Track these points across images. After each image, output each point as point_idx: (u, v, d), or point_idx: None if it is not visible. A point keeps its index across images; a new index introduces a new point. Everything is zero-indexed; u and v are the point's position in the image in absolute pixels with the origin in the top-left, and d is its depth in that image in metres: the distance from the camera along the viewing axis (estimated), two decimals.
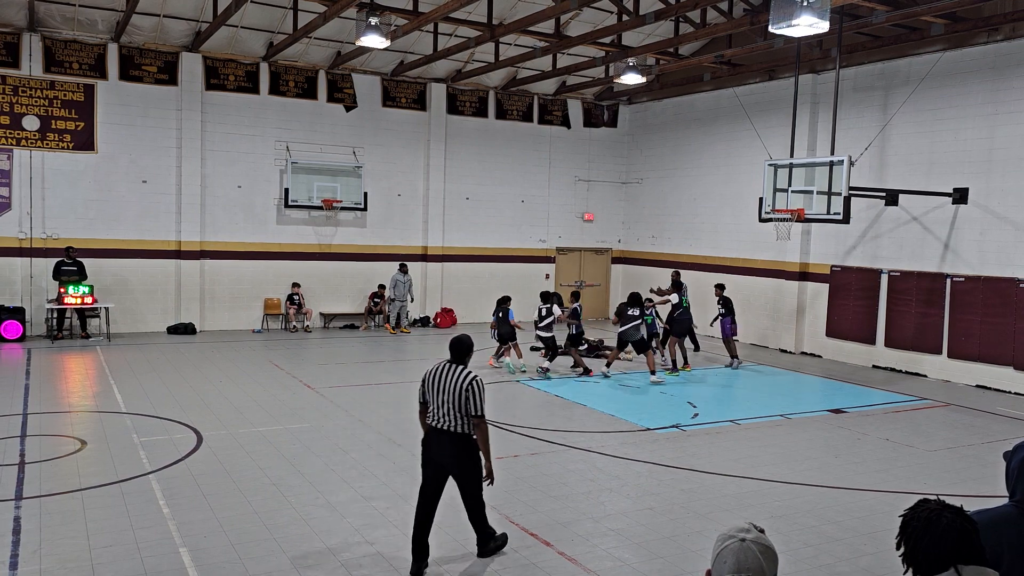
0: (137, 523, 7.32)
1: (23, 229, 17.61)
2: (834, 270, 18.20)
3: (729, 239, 20.84)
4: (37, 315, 17.77)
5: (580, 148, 24.08)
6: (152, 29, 17.92)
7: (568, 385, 14.41)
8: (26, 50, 17.36)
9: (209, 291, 19.49)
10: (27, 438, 9.98)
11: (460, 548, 7.04)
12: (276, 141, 19.95)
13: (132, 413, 11.35)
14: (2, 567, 6.35)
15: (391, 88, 21.27)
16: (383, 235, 21.48)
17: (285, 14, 17.80)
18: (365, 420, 11.40)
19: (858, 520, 8.00)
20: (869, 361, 17.36)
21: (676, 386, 14.70)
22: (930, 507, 2.68)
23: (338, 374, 14.90)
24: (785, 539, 7.44)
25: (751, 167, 19.58)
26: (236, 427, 10.77)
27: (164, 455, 9.41)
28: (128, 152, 18.45)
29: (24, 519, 7.34)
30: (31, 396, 12.20)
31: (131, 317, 18.67)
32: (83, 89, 17.94)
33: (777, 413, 12.76)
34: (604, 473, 9.37)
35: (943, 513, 2.64)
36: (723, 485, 9.02)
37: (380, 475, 8.97)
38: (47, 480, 8.44)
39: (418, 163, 21.82)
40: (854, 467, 9.90)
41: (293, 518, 7.59)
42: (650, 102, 23.71)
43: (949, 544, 2.59)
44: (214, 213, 19.41)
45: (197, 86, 18.94)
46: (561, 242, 24.06)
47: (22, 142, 17.45)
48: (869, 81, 17.41)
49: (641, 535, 7.49)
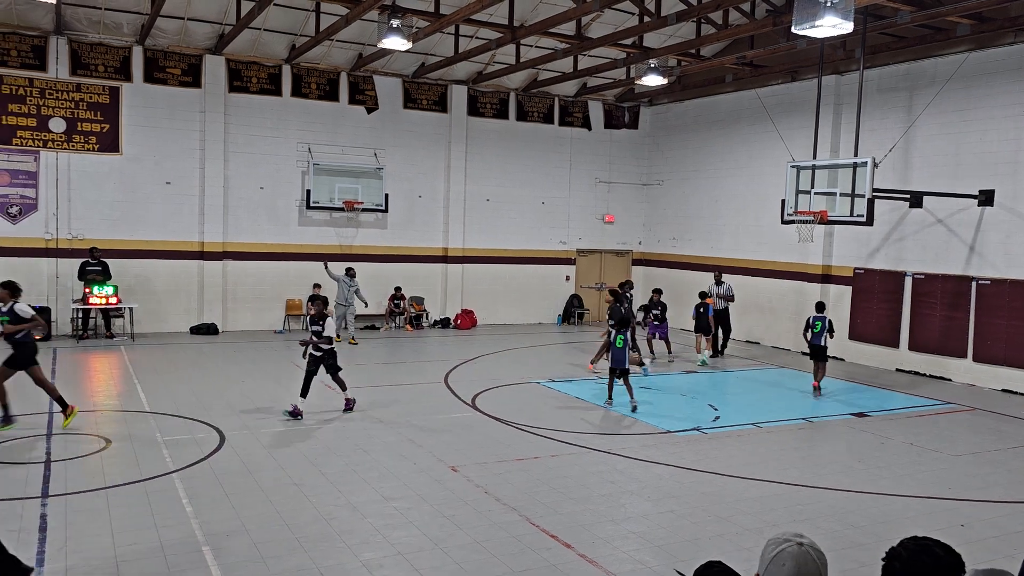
0: (161, 521, 7.39)
1: (49, 230, 17.84)
2: (857, 272, 18.04)
3: (751, 241, 20.71)
4: (63, 315, 17.99)
5: (601, 150, 24.03)
6: (176, 32, 18.10)
7: (588, 387, 14.37)
8: (53, 53, 17.59)
9: (231, 292, 19.65)
10: (53, 437, 10.10)
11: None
12: (298, 143, 20.07)
13: (156, 412, 11.45)
14: (29, 564, 6.43)
15: (412, 90, 21.34)
16: (404, 236, 21.55)
17: (307, 16, 17.91)
18: (385, 421, 11.44)
19: (882, 525, 7.92)
20: (893, 364, 17.18)
21: (697, 389, 14.63)
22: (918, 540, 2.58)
23: (359, 375, 14.94)
24: None
25: (773, 169, 19.44)
26: (258, 427, 10.84)
27: (187, 454, 9.49)
28: (152, 154, 18.64)
29: (50, 517, 7.43)
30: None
31: (155, 317, 18.85)
32: (108, 91, 18.15)
33: (799, 416, 12.66)
34: (625, 475, 9.34)
35: (933, 548, 2.54)
36: (745, 488, 8.96)
37: (400, 476, 9.00)
38: (73, 478, 8.54)
39: (439, 165, 21.87)
40: (877, 471, 9.80)
41: (314, 518, 7.63)
42: (671, 103, 23.62)
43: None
44: (237, 214, 19.56)
45: (220, 88, 19.10)
46: (581, 244, 24.02)
47: (48, 144, 17.68)
48: (893, 82, 17.24)
49: (662, 538, 7.46)
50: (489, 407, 12.50)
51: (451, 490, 8.54)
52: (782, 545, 2.51)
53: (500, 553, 6.95)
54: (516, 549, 7.05)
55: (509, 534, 7.37)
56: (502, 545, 7.12)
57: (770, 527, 7.74)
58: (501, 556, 6.89)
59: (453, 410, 12.34)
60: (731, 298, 18.41)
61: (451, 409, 12.40)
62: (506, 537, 7.30)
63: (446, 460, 9.60)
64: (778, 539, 2.53)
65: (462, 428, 11.25)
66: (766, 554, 2.54)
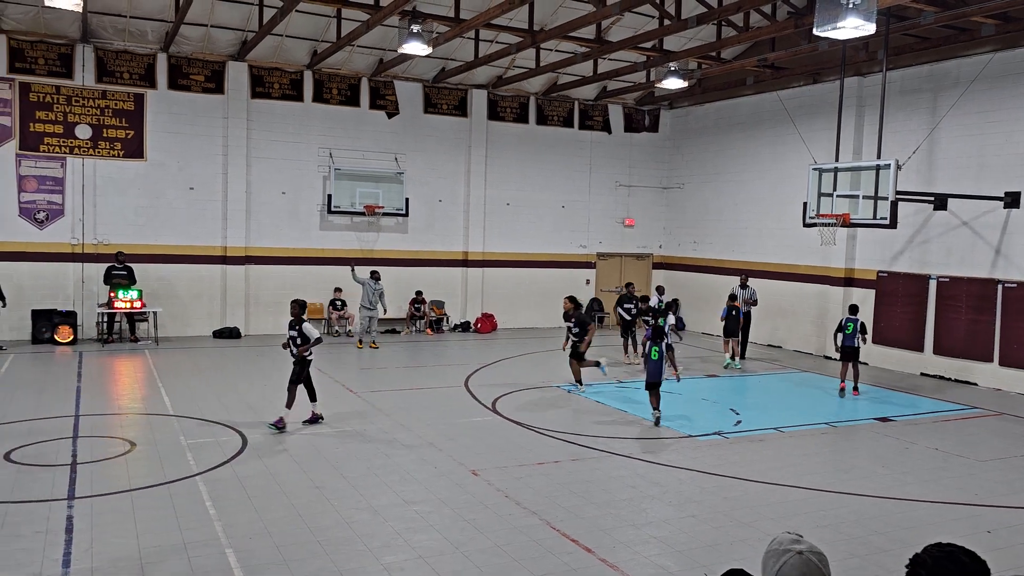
0: (184, 523, 7.46)
1: (75, 235, 18.08)
2: (880, 276, 17.87)
3: (773, 244, 20.58)
4: (88, 319, 18.21)
5: (621, 153, 24.00)
6: (200, 39, 18.30)
7: (609, 392, 14.34)
8: (79, 61, 17.84)
9: (254, 296, 19.80)
10: (79, 439, 10.23)
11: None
12: (319, 148, 20.21)
13: (179, 416, 11.56)
14: (55, 565, 6.52)
15: (432, 95, 21.42)
16: (424, 240, 21.63)
17: (329, 23, 18.04)
18: (406, 424, 11.47)
19: (906, 531, 7.84)
20: (917, 369, 17.00)
21: (719, 393, 14.54)
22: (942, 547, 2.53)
23: (380, 379, 15.03)
24: (831, 549, 7.28)
25: (795, 171, 19.31)
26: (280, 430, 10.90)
27: (210, 457, 9.57)
28: (176, 159, 18.85)
29: (76, 518, 7.52)
30: (83, 398, 12.51)
31: (178, 321, 19.04)
32: (133, 98, 18.38)
33: (822, 421, 12.56)
34: (646, 480, 9.31)
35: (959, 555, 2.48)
36: (767, 493, 8.90)
37: (421, 479, 9.02)
38: (98, 481, 8.64)
39: (459, 169, 21.93)
40: (902, 477, 9.70)
41: (336, 521, 7.67)
42: (692, 106, 23.54)
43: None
44: (259, 219, 19.72)
45: (243, 94, 19.28)
46: (602, 247, 23.98)
47: (75, 150, 17.93)
48: (917, 83, 17.08)
49: (683, 543, 7.42)
50: (510, 411, 12.50)
51: (472, 494, 8.56)
52: (783, 558, 2.49)
53: (521, 557, 6.95)
54: (537, 553, 7.05)
55: (530, 538, 7.37)
56: (523, 549, 7.12)
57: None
58: (522, 560, 6.89)
59: (474, 414, 12.36)
60: (755, 302, 18.31)
61: (472, 413, 12.42)
62: (527, 541, 7.30)
63: (467, 464, 9.62)
64: (776, 550, 2.51)
65: (483, 432, 11.26)
66: (768, 568, 2.52)
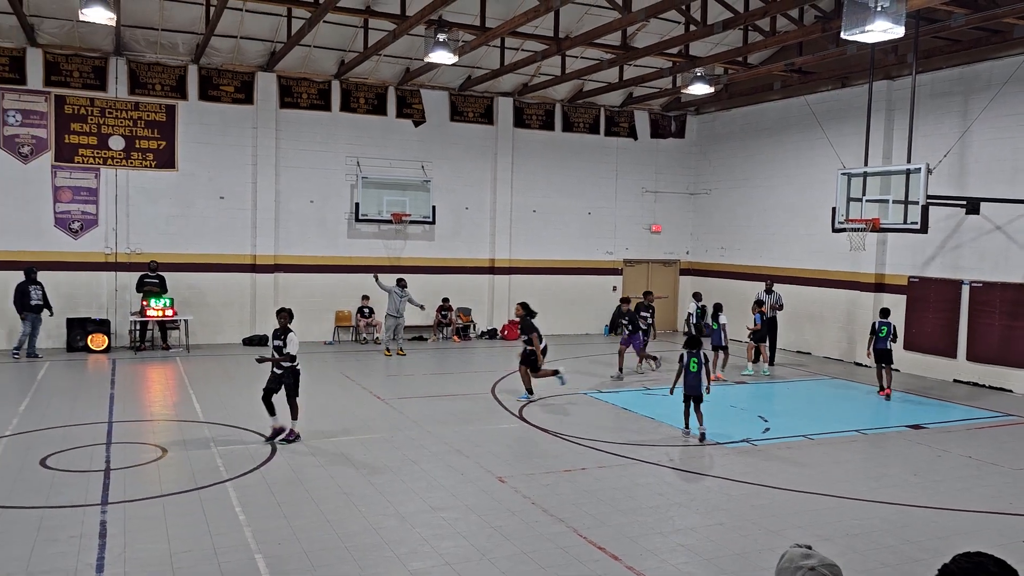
0: (215, 529, 7.55)
1: (109, 245, 18.40)
2: (912, 281, 17.65)
3: (801, 250, 20.40)
4: (121, 327, 18.51)
5: (647, 159, 23.94)
6: (230, 50, 18.56)
7: (636, 397, 14.29)
8: (112, 73, 18.18)
9: (283, 304, 19.89)
10: (112, 445, 10.39)
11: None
12: (347, 156, 20.40)
13: (210, 422, 11.70)
14: (89, 569, 6.63)
15: (459, 103, 21.54)
16: (451, 248, 21.72)
17: (356, 33, 18.22)
18: (433, 432, 11.52)
19: (939, 540, 7.73)
20: (949, 375, 16.74)
21: (747, 399, 14.43)
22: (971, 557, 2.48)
23: (407, 385, 15.10)
24: (862, 559, 7.23)
25: (823, 176, 19.14)
26: (308, 437, 11.00)
27: (240, 463, 9.68)
28: (207, 169, 19.12)
29: (110, 523, 7.65)
30: (116, 405, 12.71)
31: (209, 329, 19.28)
32: (165, 109, 18.68)
33: (852, 428, 12.41)
34: (673, 487, 9.26)
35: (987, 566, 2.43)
36: (796, 501, 8.82)
37: (448, 486, 9.05)
38: (131, 486, 8.77)
39: (485, 176, 22.01)
40: (934, 485, 9.56)
41: (364, 527, 7.72)
42: (718, 112, 23.44)
43: None
44: (288, 227, 19.94)
45: (272, 104, 19.53)
46: (628, 254, 23.92)
47: (108, 161, 18.25)
48: (947, 86, 16.87)
49: (711, 551, 7.38)
50: (536, 418, 12.51)
51: (498, 501, 8.57)
52: (797, 574, 2.47)
53: (547, 564, 6.95)
54: (563, 561, 7.04)
55: (556, 545, 7.37)
56: (549, 556, 7.12)
57: (822, 540, 7.60)
58: (548, 568, 6.89)
59: (500, 421, 12.37)
60: (781, 307, 18.18)
61: (498, 420, 12.44)
62: (553, 548, 7.30)
63: (493, 471, 9.63)
64: (788, 568, 2.49)
65: (509, 439, 11.28)
66: None
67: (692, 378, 11.33)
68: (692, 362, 11.33)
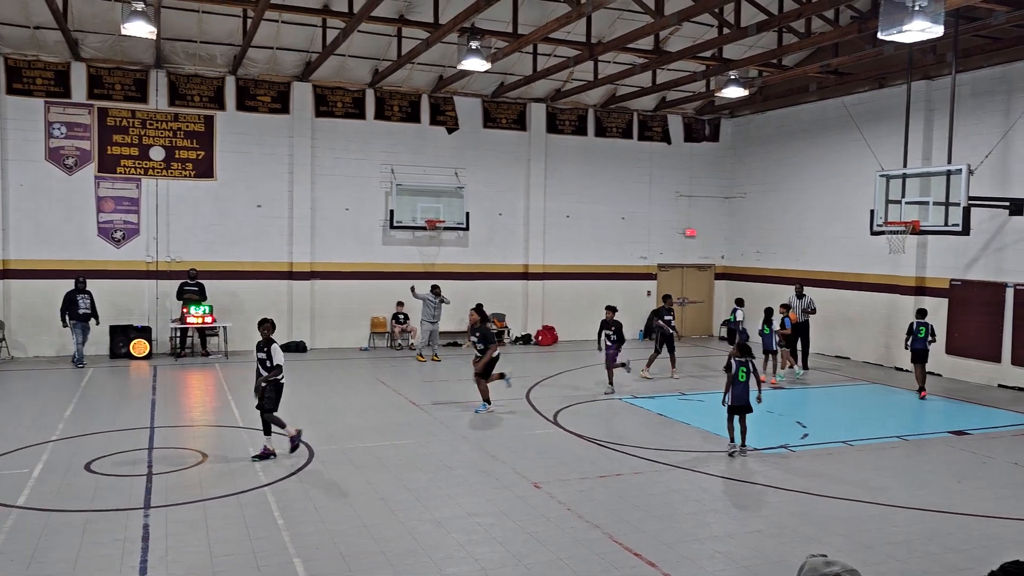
0: (254, 533, 7.66)
1: (150, 253, 18.76)
2: (953, 284, 17.32)
3: (839, 253, 20.14)
4: (162, 334, 18.85)
5: (681, 163, 23.81)
6: (266, 61, 18.85)
7: (671, 403, 14.20)
8: (153, 85, 18.56)
9: (319, 310, 20.22)
10: (154, 450, 10.59)
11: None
12: (381, 164, 20.58)
13: (248, 428, 11.86)
14: (133, 572, 6.77)
15: (492, 109, 21.62)
16: (485, 254, 21.79)
17: (390, 42, 18.40)
18: (468, 437, 11.56)
19: (984, 549, 7.57)
20: (994, 380, 16.40)
21: (785, 405, 14.26)
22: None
23: (442, 391, 15.16)
24: (904, 567, 7.12)
25: (861, 178, 18.89)
26: (345, 442, 11.11)
27: (278, 469, 9.80)
28: (244, 178, 19.42)
29: (152, 527, 7.79)
30: (157, 411, 12.94)
31: (247, 336, 19.43)
32: (203, 120, 19.02)
33: (893, 434, 12.21)
34: (709, 494, 9.19)
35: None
36: (835, 508, 8.70)
37: (483, 492, 9.08)
38: (172, 491, 8.93)
39: (518, 182, 22.06)
40: (979, 492, 9.37)
41: (400, 532, 7.77)
42: (753, 115, 23.24)
43: None
44: (323, 235, 20.16)
45: (307, 114, 19.78)
46: (663, 259, 23.79)
47: (149, 172, 18.62)
48: (989, 85, 16.55)
49: (748, 558, 7.31)
50: (571, 423, 12.49)
51: (534, 507, 8.57)
52: None
53: (583, 571, 6.94)
54: (599, 567, 7.02)
55: (592, 551, 7.35)
56: (585, 562, 7.11)
57: (863, 548, 7.50)
58: (584, 574, 6.88)
59: (535, 426, 12.38)
60: (813, 310, 17.95)
61: (533, 425, 12.44)
62: (589, 554, 7.29)
63: (528, 476, 9.64)
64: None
65: (544, 444, 11.27)
66: None
67: (741, 388, 10.69)
68: (741, 372, 10.69)
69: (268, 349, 10.27)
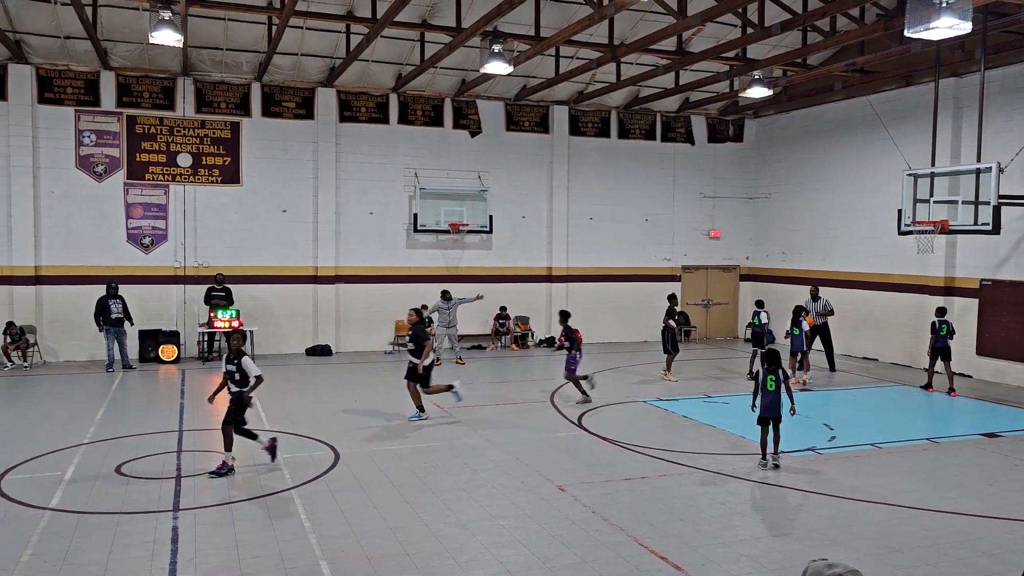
0: (281, 536, 7.72)
1: (178, 258, 18.99)
2: (984, 284, 17.07)
3: (865, 254, 19.92)
4: (190, 338, 19.07)
5: (705, 164, 23.69)
6: (291, 67, 19.02)
7: (696, 406, 14.12)
8: (180, 93, 18.80)
9: (344, 314, 20.35)
10: (183, 453, 10.71)
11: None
12: (405, 168, 20.68)
13: (275, 431, 11.94)
14: (162, 573, 6.85)
15: (514, 112, 21.65)
16: (508, 257, 21.81)
17: (412, 47, 18.49)
18: (493, 440, 11.57)
19: (1017, 554, 7.45)
20: None
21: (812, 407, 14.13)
22: None
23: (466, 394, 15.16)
24: (934, 571, 7.03)
25: (887, 178, 18.68)
26: (370, 445, 11.17)
27: (304, 471, 9.88)
28: (269, 184, 19.60)
29: (181, 529, 7.88)
30: (185, 414, 13.09)
31: (273, 339, 19.72)
32: (229, 126, 19.23)
33: (923, 437, 12.05)
34: (736, 497, 9.13)
35: None
36: (864, 512, 8.61)
37: (508, 494, 9.08)
38: (201, 493, 9.03)
39: (542, 185, 22.06)
40: (1011, 495, 9.23)
41: (425, 535, 7.80)
42: (777, 115, 23.07)
43: None
44: (348, 239, 20.30)
45: (332, 119, 19.93)
46: (687, 260, 23.68)
47: (176, 178, 18.86)
48: (1019, 82, 16.30)
49: (776, 562, 7.25)
50: (596, 426, 12.46)
51: (558, 509, 8.57)
52: None
53: (608, 574, 6.92)
54: (624, 570, 7.01)
55: (617, 554, 7.34)
56: (610, 565, 7.09)
57: (892, 552, 7.41)
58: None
59: (560, 429, 12.37)
60: (830, 312, 17.69)
61: (558, 428, 12.43)
62: (614, 557, 7.27)
63: (553, 479, 9.63)
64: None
65: (569, 447, 11.26)
66: None
67: (769, 398, 10.17)
68: (769, 380, 10.21)
69: (239, 362, 9.86)
